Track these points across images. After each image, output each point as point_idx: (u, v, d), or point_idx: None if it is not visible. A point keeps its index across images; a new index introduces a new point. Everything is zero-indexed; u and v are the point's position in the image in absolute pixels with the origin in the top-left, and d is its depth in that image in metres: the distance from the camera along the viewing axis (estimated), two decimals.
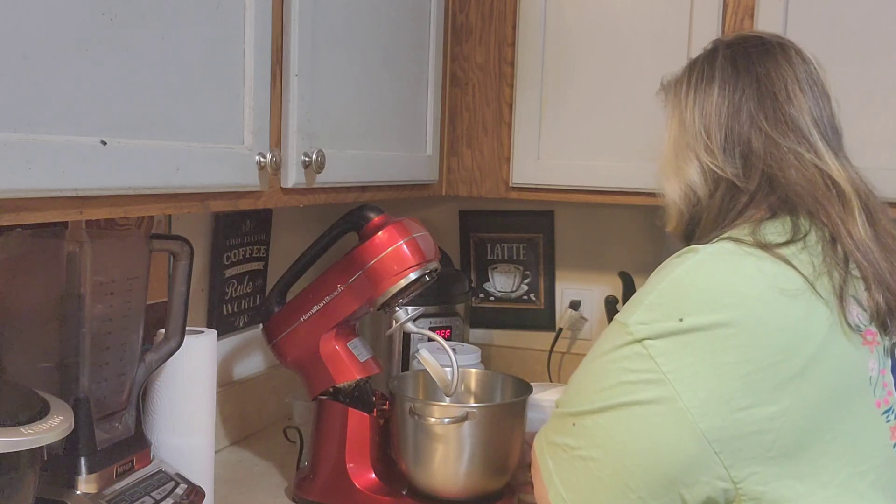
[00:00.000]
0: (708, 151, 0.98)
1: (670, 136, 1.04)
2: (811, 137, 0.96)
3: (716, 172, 0.97)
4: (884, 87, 1.43)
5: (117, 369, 1.12)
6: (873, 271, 0.89)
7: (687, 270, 0.87)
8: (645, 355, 0.84)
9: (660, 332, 0.84)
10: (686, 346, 0.83)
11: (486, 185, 1.70)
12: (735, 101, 0.98)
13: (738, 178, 0.96)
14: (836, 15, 1.45)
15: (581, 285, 2.01)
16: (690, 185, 1.00)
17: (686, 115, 1.01)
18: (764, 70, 0.98)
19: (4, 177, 0.71)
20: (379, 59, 1.39)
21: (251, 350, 1.74)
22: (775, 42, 1.02)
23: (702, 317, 0.83)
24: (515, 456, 1.36)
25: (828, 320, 0.85)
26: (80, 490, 1.03)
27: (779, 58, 0.99)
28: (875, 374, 0.88)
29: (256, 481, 1.47)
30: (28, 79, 0.74)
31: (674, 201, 1.03)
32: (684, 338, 0.83)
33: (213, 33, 0.98)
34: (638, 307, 0.88)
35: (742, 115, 0.97)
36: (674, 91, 1.05)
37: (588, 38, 1.60)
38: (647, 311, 0.86)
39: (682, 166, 1.00)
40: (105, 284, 1.07)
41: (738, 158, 0.97)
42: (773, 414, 0.81)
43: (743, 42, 1.03)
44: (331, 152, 1.21)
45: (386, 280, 1.30)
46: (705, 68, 1.02)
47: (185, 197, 0.97)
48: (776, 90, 0.97)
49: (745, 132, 0.97)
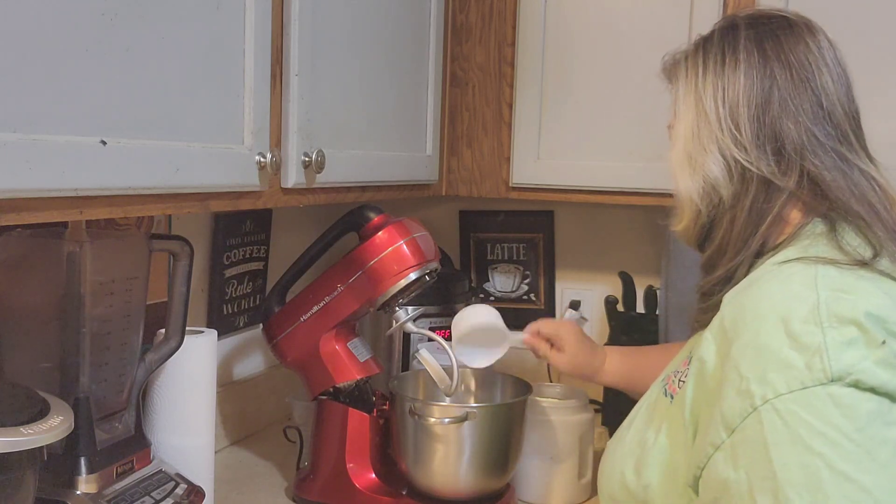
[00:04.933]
0: (737, 144, 0.87)
1: (684, 124, 0.92)
2: (849, 136, 0.89)
3: (747, 169, 0.87)
4: (885, 86, 1.42)
5: (117, 369, 1.12)
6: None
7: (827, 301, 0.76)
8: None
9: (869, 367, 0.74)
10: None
11: (486, 185, 1.70)
12: (766, 88, 0.88)
13: (774, 176, 0.87)
14: (836, 14, 1.44)
15: (581, 285, 2.01)
16: (711, 181, 0.89)
17: (706, 100, 0.90)
18: (796, 57, 0.89)
19: (4, 177, 0.72)
20: (379, 59, 1.39)
21: (251, 350, 1.74)
22: (802, 23, 0.92)
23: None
24: (515, 456, 1.36)
25: None
26: (80, 490, 1.04)
27: (809, 42, 0.90)
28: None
29: (256, 481, 1.47)
30: (28, 79, 0.74)
31: (689, 198, 0.92)
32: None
33: (213, 33, 0.98)
34: (818, 353, 0.74)
35: (774, 105, 0.87)
36: (685, 72, 0.94)
37: (588, 38, 1.60)
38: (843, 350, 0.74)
39: (700, 159, 0.90)
40: (105, 284, 1.08)
41: (771, 154, 0.87)
42: None
43: (768, 21, 0.91)
44: (331, 152, 1.21)
45: (386, 280, 1.30)
46: (725, 48, 0.90)
47: (185, 197, 0.97)
48: (810, 80, 0.88)
49: (779, 125, 0.87)
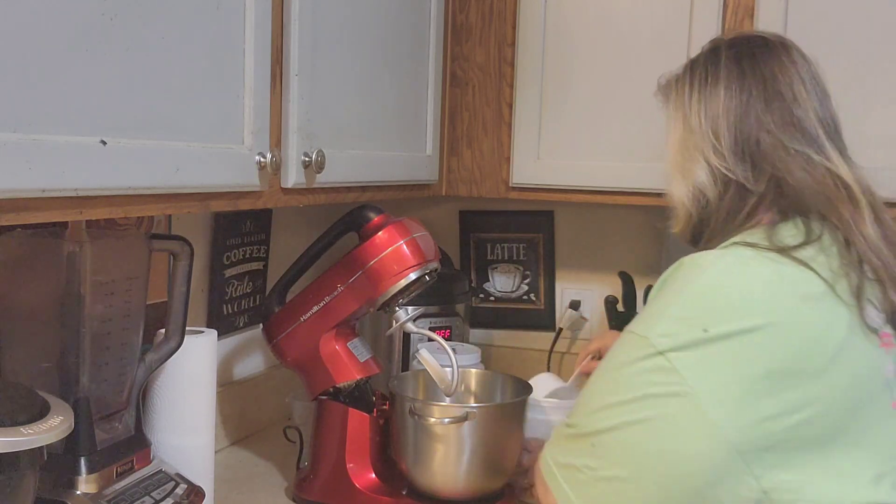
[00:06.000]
0: (717, 153, 0.96)
1: (674, 137, 1.02)
2: (819, 139, 0.95)
3: (725, 175, 0.96)
4: (884, 86, 1.43)
5: (117, 369, 1.12)
6: (887, 272, 0.89)
7: (709, 280, 0.86)
8: (669, 368, 0.82)
9: (684, 344, 0.83)
10: (711, 357, 0.82)
11: (486, 185, 1.70)
12: (742, 102, 0.97)
13: (747, 181, 0.95)
14: (836, 14, 1.44)
15: (581, 285, 2.01)
16: (699, 186, 0.98)
17: (691, 116, 0.99)
18: (769, 71, 0.97)
19: (4, 177, 0.71)
20: (379, 59, 1.39)
21: (251, 350, 1.74)
22: (777, 42, 1.01)
23: (726, 326, 0.82)
24: (515, 456, 1.36)
25: (848, 323, 0.85)
26: (80, 490, 1.03)
27: (783, 58, 0.98)
28: (892, 375, 0.89)
29: (256, 481, 1.47)
30: (28, 79, 0.74)
31: (682, 202, 1.01)
32: (709, 348, 0.82)
33: (213, 33, 0.98)
34: (659, 319, 0.86)
35: (750, 116, 0.96)
36: (675, 91, 1.04)
37: (588, 38, 1.60)
38: (670, 323, 0.85)
39: (690, 167, 0.99)
40: (105, 284, 1.07)
41: (748, 161, 0.96)
42: (799, 421, 0.81)
43: (746, 42, 1.01)
44: (331, 152, 1.21)
45: (386, 280, 1.30)
46: (709, 68, 1.00)
47: (185, 197, 0.97)
48: (783, 91, 0.96)
49: (754, 134, 0.96)
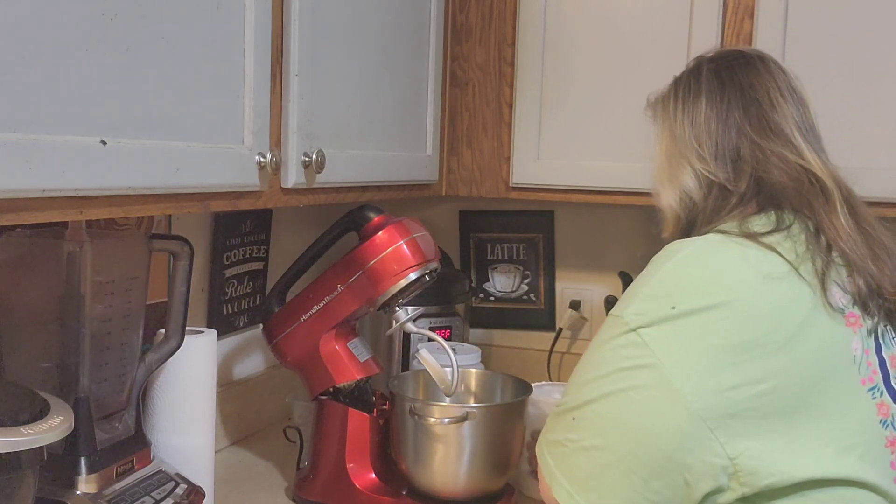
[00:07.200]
0: (700, 159, 1.03)
1: (662, 148, 1.09)
2: (794, 139, 1.02)
3: (709, 177, 1.03)
4: (883, 87, 1.43)
5: (117, 369, 1.12)
6: (855, 257, 0.95)
7: (678, 262, 0.92)
8: (639, 343, 0.88)
9: (653, 321, 0.88)
10: (677, 331, 0.88)
11: (486, 185, 1.70)
12: (722, 111, 1.04)
13: (728, 182, 1.01)
14: (836, 15, 1.44)
15: (581, 285, 2.01)
16: (686, 190, 1.05)
17: (676, 127, 1.06)
18: (747, 81, 1.04)
19: (4, 177, 0.72)
20: (379, 59, 1.39)
21: (251, 350, 1.74)
22: (755, 55, 1.08)
23: (692, 302, 0.88)
24: (515, 456, 1.36)
25: (811, 301, 0.90)
26: (80, 490, 1.04)
27: (759, 68, 1.05)
28: (859, 353, 0.93)
29: (256, 481, 1.47)
30: (28, 79, 0.74)
31: (670, 206, 1.08)
32: (676, 323, 0.88)
33: (213, 33, 0.98)
34: (633, 299, 0.92)
35: (730, 123, 1.03)
36: (662, 106, 1.11)
37: (588, 38, 1.60)
38: (642, 302, 0.91)
39: (677, 174, 1.06)
40: (105, 284, 1.08)
41: (729, 164, 1.02)
42: (762, 391, 0.85)
43: (725, 56, 1.09)
44: (331, 152, 1.21)
45: (386, 280, 1.30)
46: (691, 82, 1.07)
47: (185, 197, 0.97)
48: (759, 98, 1.03)
49: (734, 139, 1.02)
